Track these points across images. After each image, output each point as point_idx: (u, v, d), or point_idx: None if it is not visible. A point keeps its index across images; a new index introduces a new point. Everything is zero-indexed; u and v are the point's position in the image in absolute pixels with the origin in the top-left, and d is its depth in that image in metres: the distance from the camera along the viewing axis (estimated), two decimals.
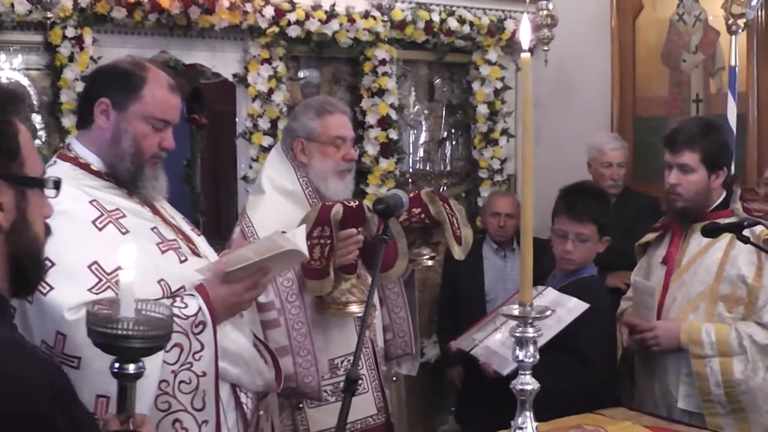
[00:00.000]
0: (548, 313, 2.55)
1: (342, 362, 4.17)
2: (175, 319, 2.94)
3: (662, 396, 4.53)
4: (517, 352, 2.51)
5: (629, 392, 4.88)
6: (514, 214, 6.68)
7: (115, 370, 2.27)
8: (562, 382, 4.22)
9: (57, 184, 2.12)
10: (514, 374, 2.70)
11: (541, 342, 4.03)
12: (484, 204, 7.06)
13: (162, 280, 3.12)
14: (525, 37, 2.46)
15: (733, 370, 4.27)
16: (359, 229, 3.95)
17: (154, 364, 2.88)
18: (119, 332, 2.18)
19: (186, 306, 3.08)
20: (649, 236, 4.84)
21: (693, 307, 4.44)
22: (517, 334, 2.50)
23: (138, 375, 2.29)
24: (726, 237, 4.32)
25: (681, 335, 4.37)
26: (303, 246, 3.48)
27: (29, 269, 2.09)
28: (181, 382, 3.05)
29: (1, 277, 2.03)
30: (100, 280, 2.97)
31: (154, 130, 3.26)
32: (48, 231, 2.18)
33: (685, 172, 4.44)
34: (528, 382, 2.53)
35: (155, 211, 3.37)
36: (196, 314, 3.07)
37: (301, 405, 4.08)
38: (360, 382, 4.10)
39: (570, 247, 4.66)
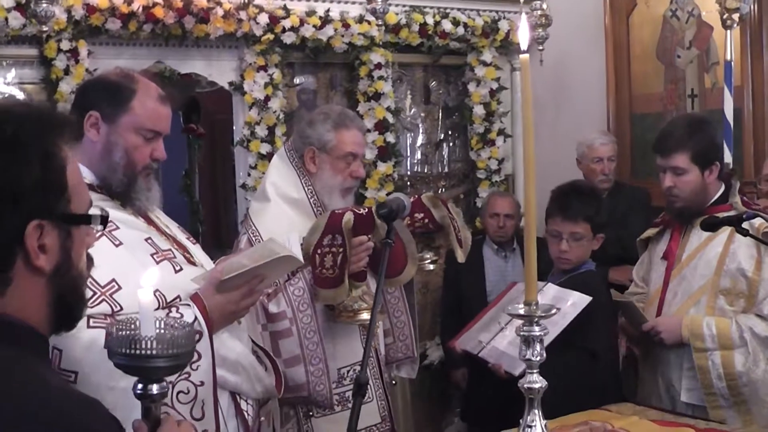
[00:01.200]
0: (553, 311, 2.55)
1: (348, 372, 4.16)
2: None
3: (666, 390, 4.56)
4: (524, 350, 2.52)
5: (633, 386, 4.90)
6: (513, 214, 6.69)
7: (139, 392, 2.20)
8: (570, 378, 4.23)
9: (104, 220, 2.04)
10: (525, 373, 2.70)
11: (548, 339, 4.08)
12: (483, 205, 7.03)
13: (157, 290, 3.07)
14: (524, 38, 2.46)
15: (734, 363, 4.29)
16: (369, 235, 3.95)
17: None
18: (142, 352, 2.12)
19: (182, 316, 3.06)
20: (650, 231, 4.86)
21: (694, 301, 4.46)
22: (524, 333, 2.50)
23: (163, 394, 2.23)
24: (726, 231, 4.34)
25: (683, 330, 4.39)
26: (298, 252, 3.48)
27: (73, 307, 2.02)
28: (179, 392, 3.04)
29: (42, 319, 1.94)
30: (94, 293, 2.94)
31: (145, 141, 3.25)
32: (91, 262, 2.10)
33: (678, 174, 4.46)
34: (536, 381, 2.53)
35: (149, 222, 3.36)
36: (192, 324, 3.06)
37: (311, 413, 4.07)
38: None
39: (565, 247, 4.68)
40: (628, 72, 7.74)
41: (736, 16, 6.37)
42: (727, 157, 6.37)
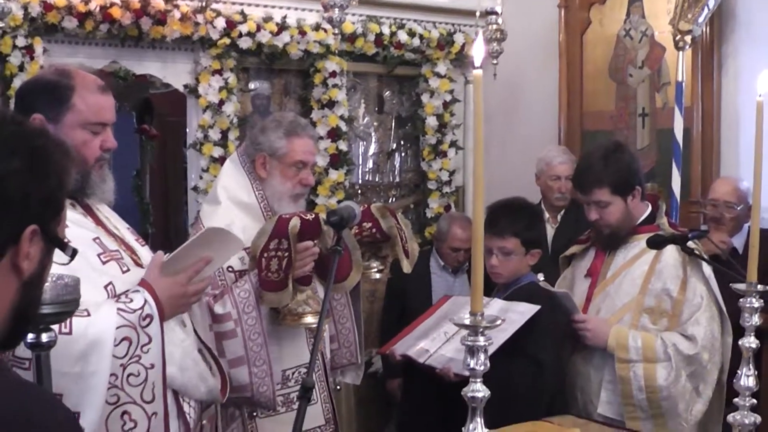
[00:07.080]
0: (498, 322, 2.57)
1: (293, 373, 4.19)
2: (123, 313, 3.04)
3: (584, 406, 4.61)
4: (469, 360, 2.54)
5: None
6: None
7: (31, 341, 2.36)
8: (515, 387, 4.28)
9: (74, 254, 2.07)
10: None
11: (497, 344, 4.11)
12: (442, 232, 6.74)
13: (110, 283, 3.14)
14: (478, 54, 2.47)
15: (656, 376, 4.35)
16: (315, 241, 3.98)
17: (104, 360, 2.95)
18: None
19: (131, 300, 3.11)
20: (575, 248, 4.92)
21: (617, 318, 4.51)
22: (468, 343, 2.52)
23: (51, 344, 2.38)
24: (652, 250, 4.40)
25: (609, 338, 4.45)
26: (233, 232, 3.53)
27: (27, 322, 2.02)
28: (129, 374, 3.06)
29: (2, 320, 1.92)
30: None
31: (92, 134, 3.24)
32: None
33: (602, 207, 4.54)
34: (479, 389, 2.54)
35: (98, 222, 3.36)
36: (142, 307, 3.10)
37: (255, 414, 4.09)
38: None
39: (495, 262, 4.72)
40: (581, 89, 7.82)
41: (688, 38, 6.48)
42: (676, 177, 6.47)
